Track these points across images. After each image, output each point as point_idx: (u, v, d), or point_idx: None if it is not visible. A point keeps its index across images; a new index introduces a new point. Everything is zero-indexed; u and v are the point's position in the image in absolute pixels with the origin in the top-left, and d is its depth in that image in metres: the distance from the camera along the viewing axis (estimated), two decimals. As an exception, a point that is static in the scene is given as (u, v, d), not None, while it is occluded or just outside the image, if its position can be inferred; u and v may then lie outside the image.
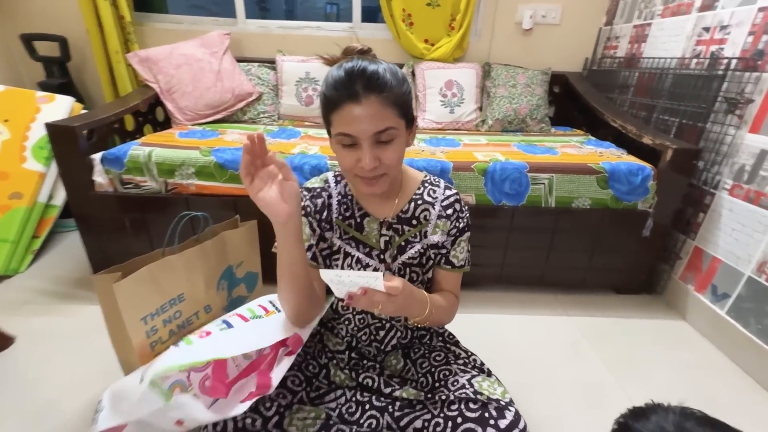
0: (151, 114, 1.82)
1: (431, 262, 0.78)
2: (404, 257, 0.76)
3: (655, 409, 0.43)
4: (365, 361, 0.84)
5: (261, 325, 0.76)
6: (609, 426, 0.47)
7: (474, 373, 0.78)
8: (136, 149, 1.33)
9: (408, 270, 0.77)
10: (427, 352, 0.86)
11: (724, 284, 1.26)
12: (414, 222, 0.76)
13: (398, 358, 0.86)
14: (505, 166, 1.32)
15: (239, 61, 1.92)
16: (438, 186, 0.78)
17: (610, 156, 1.44)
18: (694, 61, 1.41)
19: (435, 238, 0.76)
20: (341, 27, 2.00)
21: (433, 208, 0.76)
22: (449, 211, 0.76)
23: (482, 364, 0.84)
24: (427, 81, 1.93)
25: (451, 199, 0.77)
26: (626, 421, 0.44)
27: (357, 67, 0.60)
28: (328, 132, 0.68)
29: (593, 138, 1.76)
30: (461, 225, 0.77)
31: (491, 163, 1.34)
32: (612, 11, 1.92)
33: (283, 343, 0.72)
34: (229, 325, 0.71)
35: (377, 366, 0.83)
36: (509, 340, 1.26)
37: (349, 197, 0.76)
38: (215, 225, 1.17)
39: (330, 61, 0.66)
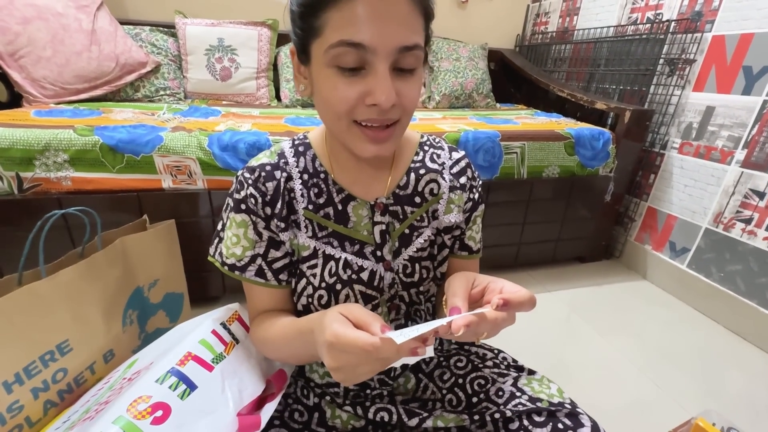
0: (-15, 90, 1.27)
1: (445, 250, 0.58)
2: (411, 250, 0.54)
3: None
4: (369, 390, 0.61)
5: (231, 374, 0.47)
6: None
7: (513, 374, 0.61)
8: (-42, 130, 0.86)
9: (417, 266, 0.55)
10: (442, 359, 0.65)
11: (683, 239, 1.31)
12: (417, 199, 0.55)
13: (408, 376, 0.64)
14: (477, 135, 1.19)
15: (122, 24, 1.46)
16: (441, 148, 0.58)
17: (567, 124, 1.42)
18: (631, 27, 1.45)
19: (451, 218, 0.56)
20: (258, -12, 1.66)
21: (443, 179, 0.56)
22: (462, 180, 0.56)
23: (515, 360, 0.67)
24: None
25: (462, 163, 0.57)
26: None
27: None
28: (304, 51, 0.43)
29: (539, 110, 1.75)
30: (476, 197, 0.58)
31: (462, 132, 1.19)
32: (539, -13, 1.94)
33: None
34: (191, 385, 0.41)
35: (385, 393, 0.61)
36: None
37: (322, 174, 0.51)
38: (111, 230, 0.80)
39: None
